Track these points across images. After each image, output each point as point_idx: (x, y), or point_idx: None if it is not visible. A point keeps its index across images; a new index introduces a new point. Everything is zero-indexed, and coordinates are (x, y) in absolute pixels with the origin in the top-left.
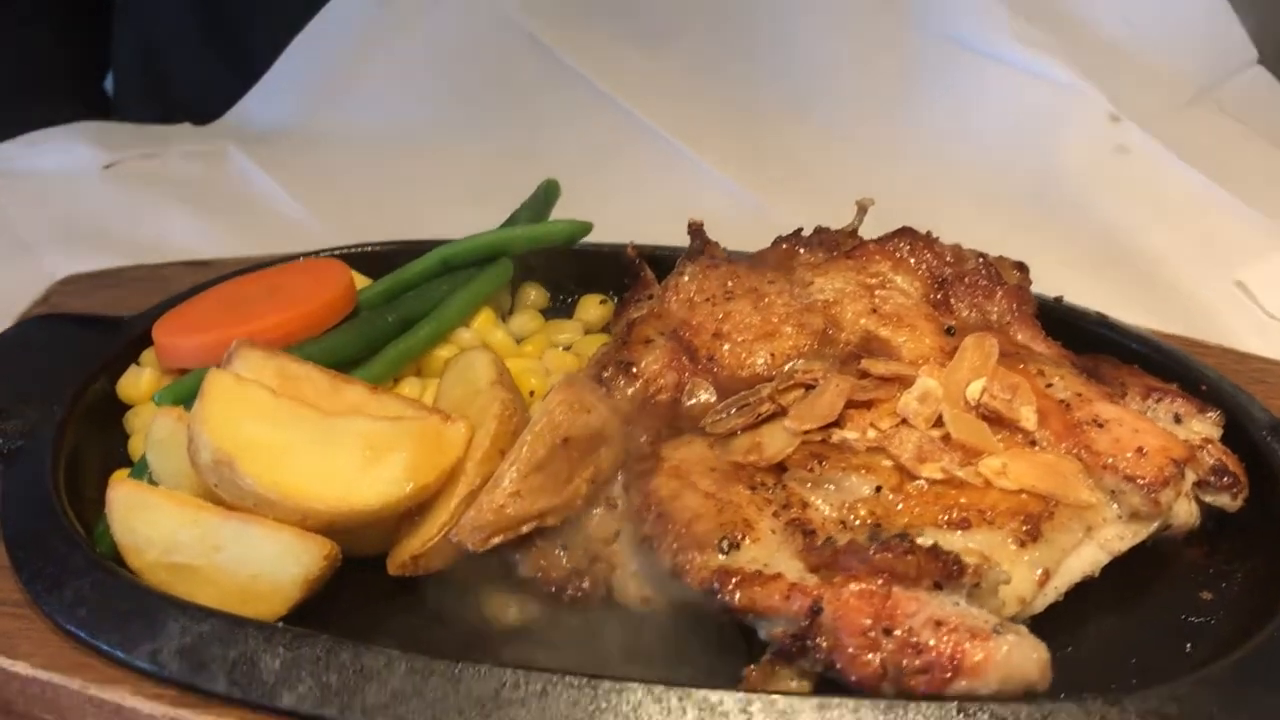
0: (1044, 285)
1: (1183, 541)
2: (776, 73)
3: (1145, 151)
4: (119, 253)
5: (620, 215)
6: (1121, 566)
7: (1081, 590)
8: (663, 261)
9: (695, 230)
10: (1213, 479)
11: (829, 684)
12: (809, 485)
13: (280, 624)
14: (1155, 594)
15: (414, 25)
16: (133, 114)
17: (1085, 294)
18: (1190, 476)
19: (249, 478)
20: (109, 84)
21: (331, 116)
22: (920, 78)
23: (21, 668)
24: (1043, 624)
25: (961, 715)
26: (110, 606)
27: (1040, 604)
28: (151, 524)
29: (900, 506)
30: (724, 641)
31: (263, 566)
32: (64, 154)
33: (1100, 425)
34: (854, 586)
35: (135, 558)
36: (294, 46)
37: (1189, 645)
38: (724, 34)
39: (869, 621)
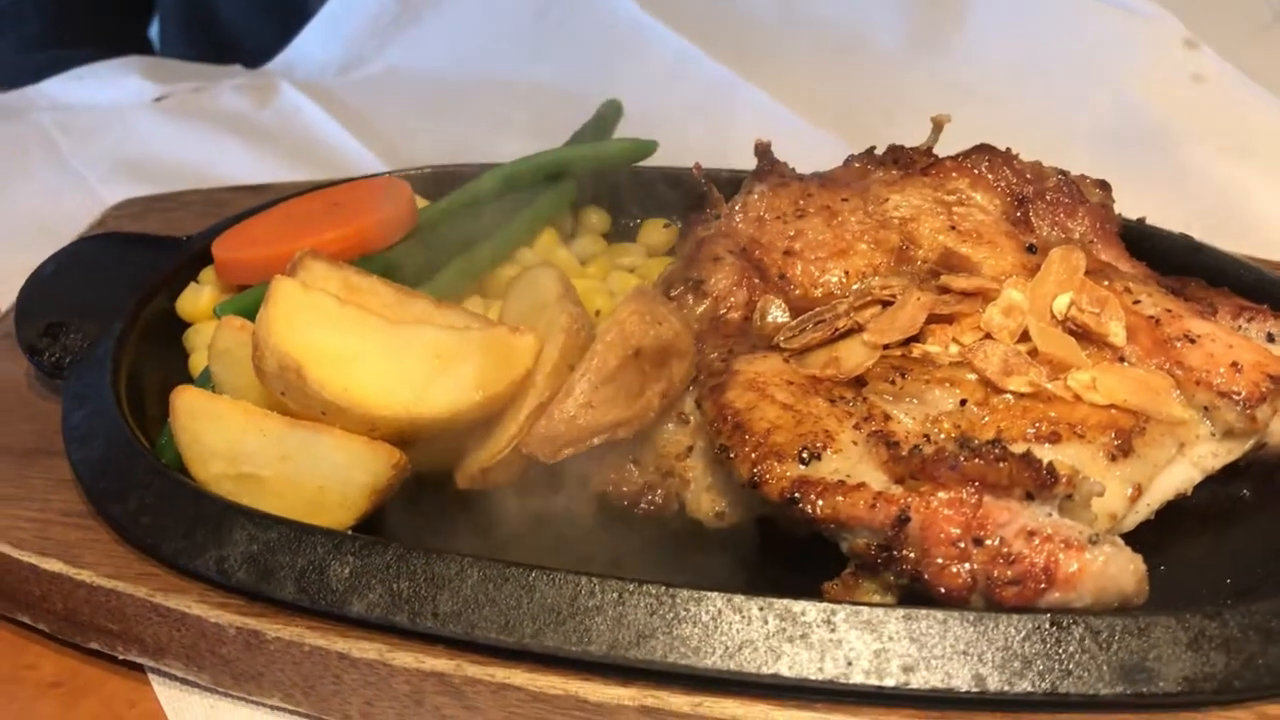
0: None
1: (1277, 463)
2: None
3: (1222, 80)
4: (172, 183)
5: (679, 147)
6: (1214, 487)
7: (1173, 509)
8: (728, 184)
9: (762, 151)
10: None
11: (913, 599)
12: (890, 399)
13: (349, 531)
14: (1249, 516)
15: None
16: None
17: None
18: None
19: (317, 384)
20: (154, 32)
21: (381, 58)
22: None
23: (86, 577)
24: (1133, 542)
25: (1055, 628)
26: (175, 514)
27: (1131, 521)
28: (216, 433)
29: (986, 420)
30: (797, 561)
31: (331, 476)
32: (114, 88)
33: (1192, 341)
34: (943, 495)
35: (200, 469)
36: None
37: None
38: None
39: (958, 531)
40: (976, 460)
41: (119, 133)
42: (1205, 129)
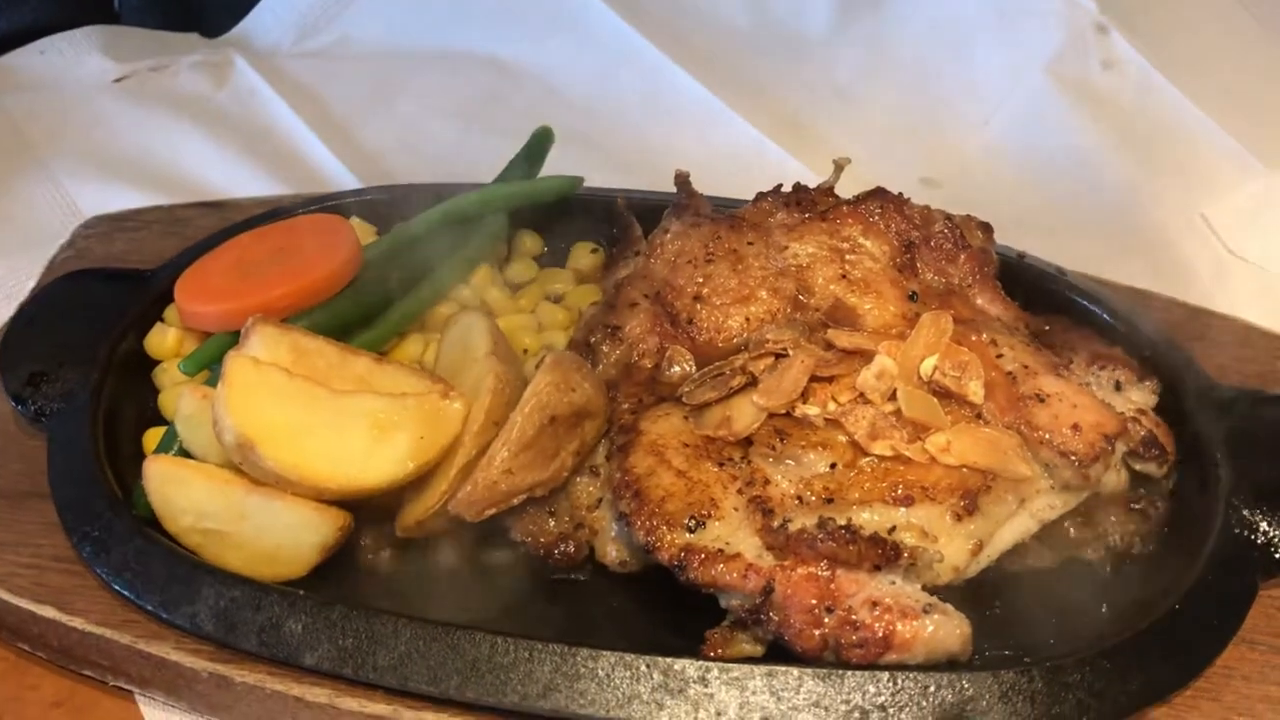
0: (1022, 211)
1: (1111, 499)
2: None
3: (1130, 67)
4: (132, 174)
5: (613, 125)
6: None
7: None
8: (651, 210)
9: (681, 182)
10: (1142, 450)
11: (779, 646)
12: (771, 461)
13: (302, 592)
14: (1079, 551)
15: None
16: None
17: (1052, 223)
18: (1121, 448)
19: (269, 460)
20: None
21: (336, 26)
22: None
23: (78, 623)
24: (977, 583)
25: (890, 682)
26: (152, 571)
27: (973, 570)
28: (184, 495)
29: (852, 482)
30: (691, 602)
31: (284, 535)
32: (75, 65)
33: (1042, 400)
34: (802, 570)
35: (171, 523)
36: None
37: (1104, 606)
38: None
39: (814, 601)
40: (830, 542)
41: (84, 119)
42: (1107, 122)
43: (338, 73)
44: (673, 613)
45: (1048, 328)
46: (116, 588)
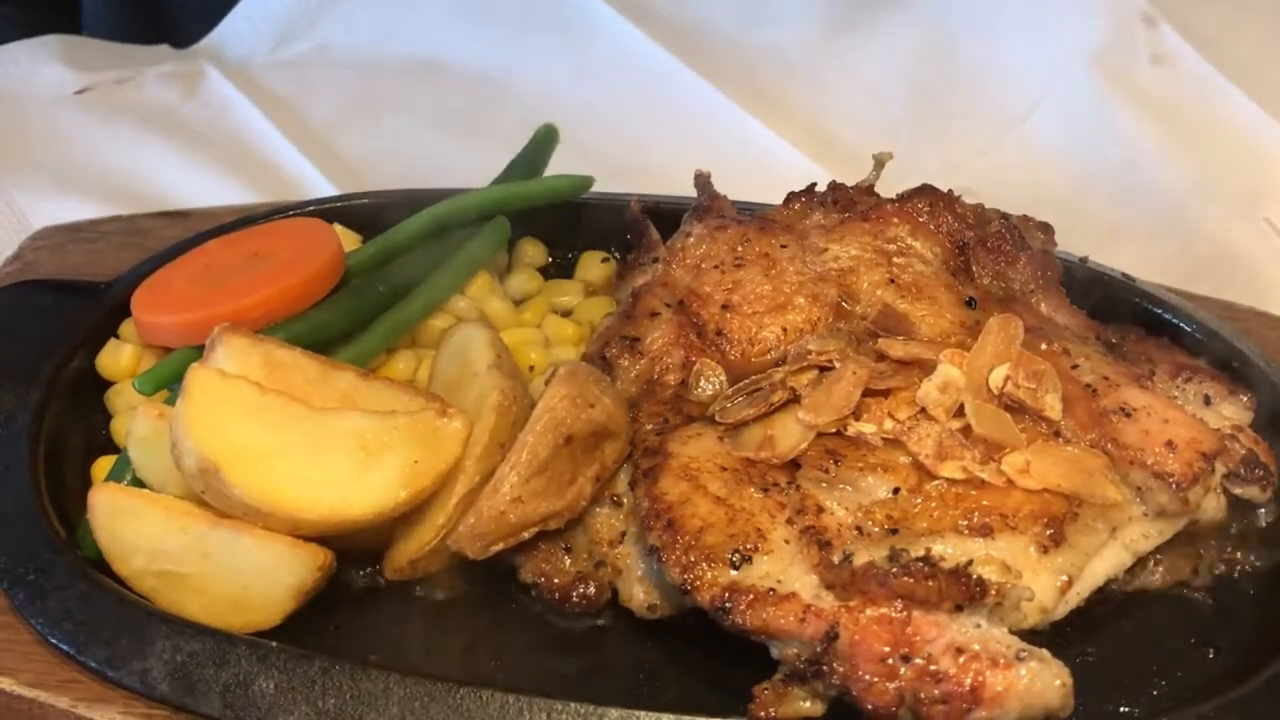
0: (1070, 217)
1: (1209, 527)
2: None
3: (1182, 62)
4: (92, 188)
5: (617, 129)
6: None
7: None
8: (668, 216)
9: (702, 183)
10: (1243, 471)
11: (842, 703)
12: (824, 486)
13: (275, 644)
14: (1176, 591)
15: None
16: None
17: (1111, 229)
18: (1220, 470)
19: (237, 487)
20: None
21: (313, 35)
22: None
23: (6, 684)
24: (1063, 626)
25: None
26: (97, 621)
27: (1062, 611)
28: (137, 531)
29: (919, 509)
30: (733, 652)
31: (254, 577)
32: (33, 75)
33: (1128, 414)
34: (872, 611)
35: (121, 564)
36: None
37: (1211, 651)
38: None
39: (887, 648)
40: (906, 578)
41: (40, 131)
42: (1160, 119)
43: (317, 80)
44: (711, 665)
45: (1115, 340)
46: (54, 641)
